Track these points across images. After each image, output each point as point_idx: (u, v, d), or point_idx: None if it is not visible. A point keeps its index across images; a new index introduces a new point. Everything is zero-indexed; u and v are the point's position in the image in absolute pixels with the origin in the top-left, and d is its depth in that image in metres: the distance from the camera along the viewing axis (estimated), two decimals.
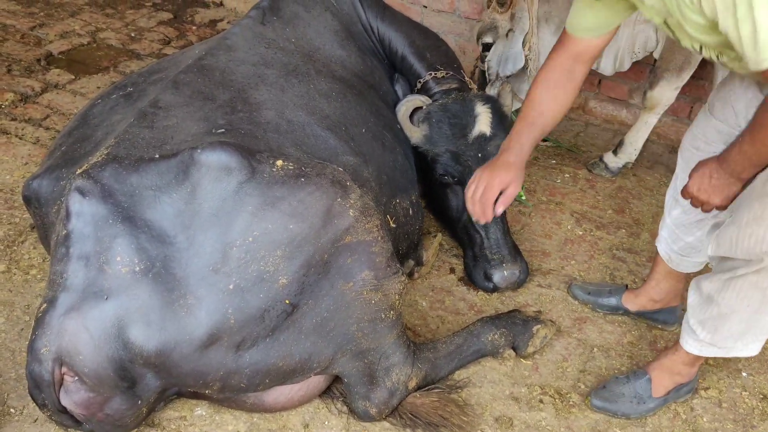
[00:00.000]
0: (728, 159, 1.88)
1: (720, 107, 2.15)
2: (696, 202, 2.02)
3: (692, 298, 2.20)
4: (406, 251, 2.66)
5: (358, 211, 2.02)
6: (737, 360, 2.58)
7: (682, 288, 2.64)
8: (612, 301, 2.74)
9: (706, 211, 2.03)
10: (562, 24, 3.26)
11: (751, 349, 2.16)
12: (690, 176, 2.02)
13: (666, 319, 2.69)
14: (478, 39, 3.38)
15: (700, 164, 1.98)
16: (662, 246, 2.51)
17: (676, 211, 2.39)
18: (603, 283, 2.86)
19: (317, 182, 1.97)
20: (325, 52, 2.74)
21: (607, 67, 3.42)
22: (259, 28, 2.66)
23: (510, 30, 3.27)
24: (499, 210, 2.34)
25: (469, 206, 2.39)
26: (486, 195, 2.33)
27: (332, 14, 2.88)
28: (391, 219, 2.41)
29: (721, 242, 2.03)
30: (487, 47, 3.34)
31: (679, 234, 2.40)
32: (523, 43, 3.31)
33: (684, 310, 2.65)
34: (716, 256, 2.08)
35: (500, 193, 2.32)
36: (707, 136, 2.19)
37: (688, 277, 2.70)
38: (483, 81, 3.49)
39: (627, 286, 2.79)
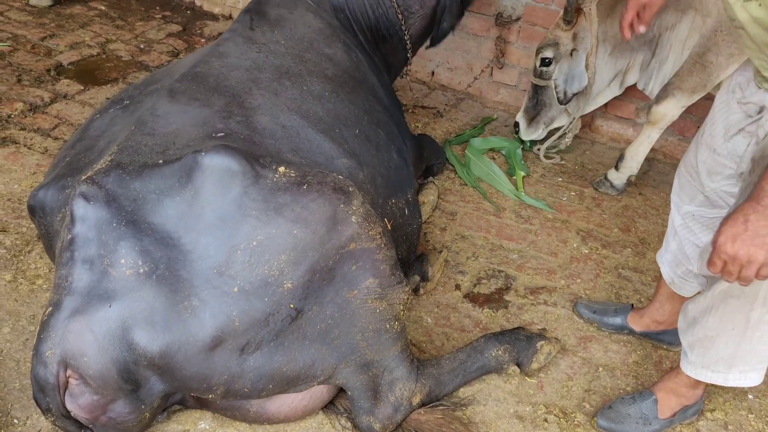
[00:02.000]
0: (762, 196, 1.60)
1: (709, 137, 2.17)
2: (734, 266, 1.62)
3: (680, 321, 2.22)
4: (406, 254, 2.65)
5: (361, 218, 2.03)
6: None
7: None
8: (617, 320, 2.74)
9: (746, 278, 1.62)
10: (617, 44, 3.32)
11: (751, 379, 2.14)
12: (717, 237, 1.65)
13: (671, 340, 2.68)
14: (537, 53, 3.43)
15: (724, 220, 1.67)
16: (666, 268, 2.51)
17: (674, 243, 2.41)
18: (609, 302, 2.85)
19: (319, 189, 1.99)
20: (314, 51, 2.75)
21: (655, 90, 3.43)
22: (248, 33, 2.68)
23: (573, 49, 3.35)
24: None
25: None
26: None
27: (313, 13, 2.89)
28: (389, 221, 2.42)
29: (704, 261, 2.03)
30: (544, 62, 3.41)
31: (682, 260, 2.41)
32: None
33: None
34: (701, 274, 2.11)
35: None
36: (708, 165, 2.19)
37: None
38: (534, 93, 3.55)
39: (633, 305, 2.78)
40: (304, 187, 1.98)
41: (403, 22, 3.17)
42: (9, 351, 2.40)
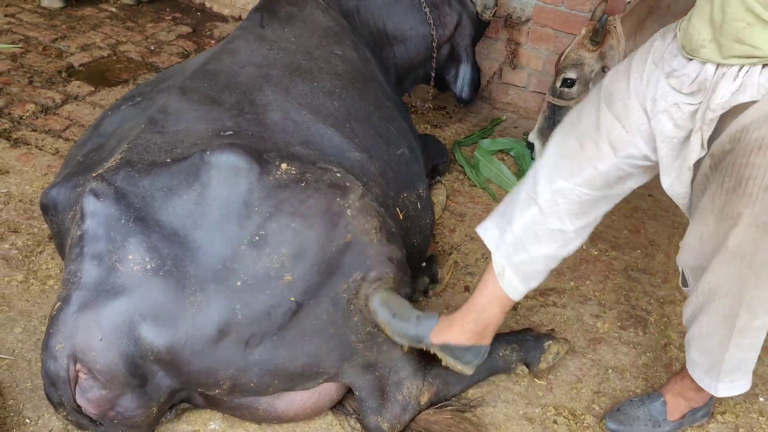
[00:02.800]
0: None
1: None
2: None
3: (683, 320, 2.18)
4: (420, 248, 2.65)
5: (356, 211, 2.06)
6: (754, 385, 2.55)
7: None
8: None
9: None
10: None
11: (741, 386, 2.10)
12: None
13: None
14: (558, 73, 3.30)
15: None
16: (498, 251, 2.17)
17: (520, 221, 2.15)
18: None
19: (316, 186, 2.03)
20: (324, 48, 2.78)
21: None
22: (259, 31, 2.70)
23: (604, 66, 3.22)
24: None
25: None
26: None
27: (322, 11, 2.93)
28: (402, 213, 2.43)
29: (685, 254, 2.04)
30: (567, 83, 3.26)
31: (526, 244, 2.14)
32: None
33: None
34: (683, 266, 2.08)
35: None
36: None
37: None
38: (552, 112, 3.36)
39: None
40: (303, 184, 2.02)
41: (434, 34, 3.28)
42: (21, 351, 2.42)
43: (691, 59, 1.86)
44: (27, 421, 2.20)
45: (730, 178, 1.81)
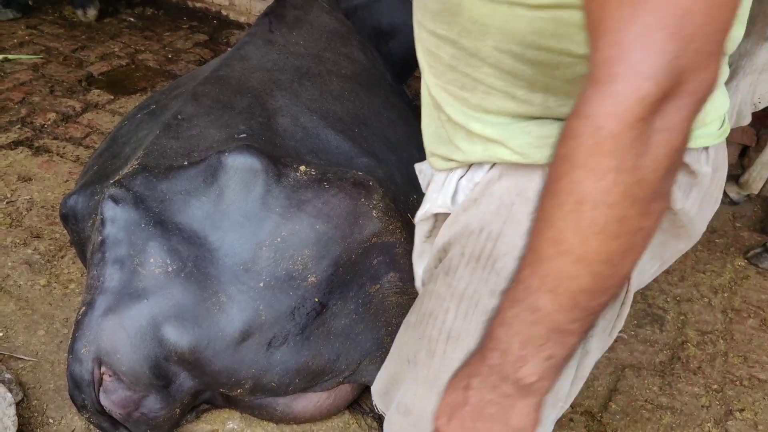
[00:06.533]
0: (490, 343, 0.92)
1: None
2: None
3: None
4: None
5: (381, 212, 2.07)
6: None
7: None
8: None
9: None
10: None
11: None
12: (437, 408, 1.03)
13: None
14: None
15: (449, 382, 1.01)
16: None
17: None
18: None
19: (340, 185, 2.03)
20: (332, 50, 2.80)
21: (731, 115, 3.24)
22: (268, 35, 2.73)
23: None
24: None
25: None
26: None
27: (327, 14, 2.96)
28: (411, 217, 2.45)
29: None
30: None
31: None
32: None
33: None
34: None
35: None
36: None
37: None
38: None
39: None
40: (325, 183, 2.02)
41: None
42: (44, 353, 2.47)
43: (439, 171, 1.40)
44: (50, 421, 2.25)
45: (424, 305, 1.36)
